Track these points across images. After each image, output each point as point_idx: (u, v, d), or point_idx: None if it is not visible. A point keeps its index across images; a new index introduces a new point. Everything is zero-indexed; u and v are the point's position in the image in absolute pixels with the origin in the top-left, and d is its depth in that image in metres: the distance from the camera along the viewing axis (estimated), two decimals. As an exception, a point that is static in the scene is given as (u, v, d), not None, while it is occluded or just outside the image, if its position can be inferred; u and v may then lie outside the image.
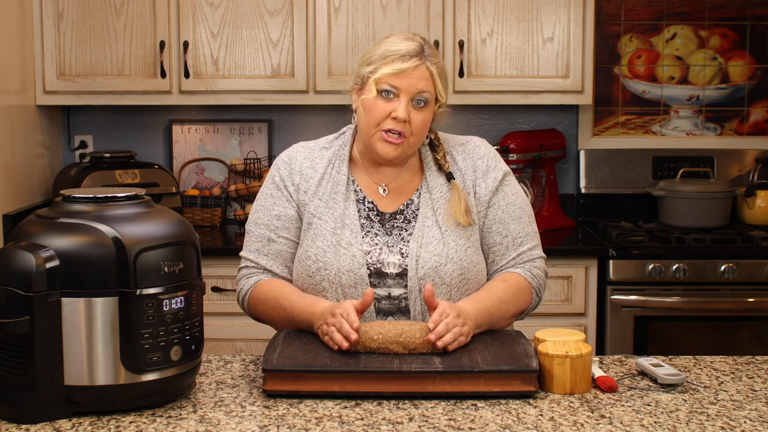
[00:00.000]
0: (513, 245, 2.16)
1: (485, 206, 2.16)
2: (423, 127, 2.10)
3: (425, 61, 2.07)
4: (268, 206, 2.18)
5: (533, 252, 2.18)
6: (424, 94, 2.07)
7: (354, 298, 2.05)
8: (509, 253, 2.16)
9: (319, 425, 1.69)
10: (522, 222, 2.17)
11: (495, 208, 2.16)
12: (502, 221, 2.16)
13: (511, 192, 2.19)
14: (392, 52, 2.07)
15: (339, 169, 2.17)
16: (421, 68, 2.07)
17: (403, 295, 2.09)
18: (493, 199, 2.17)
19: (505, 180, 2.19)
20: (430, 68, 2.07)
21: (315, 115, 4.09)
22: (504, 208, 2.17)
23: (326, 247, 2.09)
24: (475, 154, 2.20)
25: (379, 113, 2.07)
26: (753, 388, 1.91)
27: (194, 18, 3.69)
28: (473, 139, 2.24)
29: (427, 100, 2.08)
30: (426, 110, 2.09)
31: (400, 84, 2.06)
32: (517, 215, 2.17)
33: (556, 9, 3.72)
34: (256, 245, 2.18)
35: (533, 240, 2.19)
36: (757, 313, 3.52)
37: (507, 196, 2.18)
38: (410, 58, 2.06)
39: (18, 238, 1.73)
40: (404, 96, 2.06)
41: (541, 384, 1.87)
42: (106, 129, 4.10)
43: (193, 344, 1.78)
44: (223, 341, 3.49)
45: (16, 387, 1.69)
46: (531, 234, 2.19)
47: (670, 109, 4.16)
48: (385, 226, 2.14)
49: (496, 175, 2.18)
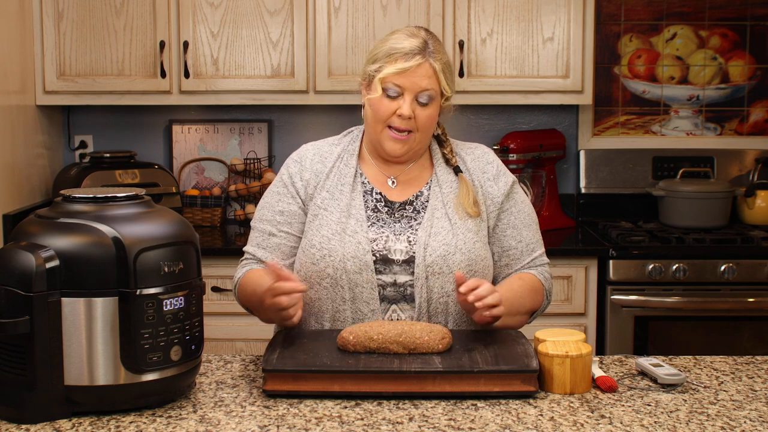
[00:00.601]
0: (527, 251, 2.22)
1: (497, 208, 2.20)
2: (429, 123, 2.13)
3: (428, 58, 2.09)
4: (273, 203, 2.21)
5: (543, 258, 2.25)
6: (428, 92, 2.10)
7: (359, 284, 2.07)
8: (524, 258, 2.22)
9: (319, 425, 1.69)
10: (532, 229, 2.24)
11: (508, 213, 2.21)
12: (516, 227, 2.21)
13: (521, 200, 2.24)
14: (396, 50, 2.09)
15: (347, 163, 2.19)
16: (424, 66, 2.08)
17: (409, 282, 2.10)
18: (506, 204, 2.21)
19: (515, 187, 2.24)
20: (433, 65, 2.09)
21: (315, 115, 4.09)
22: (517, 214, 2.21)
23: (331, 235, 2.11)
24: (484, 158, 2.25)
25: (385, 111, 2.10)
26: (753, 388, 1.91)
27: (194, 18, 3.69)
28: (481, 146, 2.30)
29: (432, 97, 2.10)
30: (431, 107, 2.11)
31: (404, 83, 2.08)
32: (528, 222, 2.23)
33: (556, 9, 3.72)
34: (257, 239, 2.21)
35: (542, 247, 2.26)
36: (757, 313, 3.52)
37: (518, 204, 2.23)
38: (413, 56, 2.08)
39: (18, 238, 1.73)
40: (408, 94, 2.09)
41: (541, 384, 1.87)
42: (106, 129, 4.10)
43: (193, 344, 1.78)
44: (223, 341, 3.49)
45: (16, 387, 1.69)
46: (540, 241, 2.26)
47: (670, 109, 4.16)
48: (394, 215, 2.16)
49: (507, 180, 2.23)
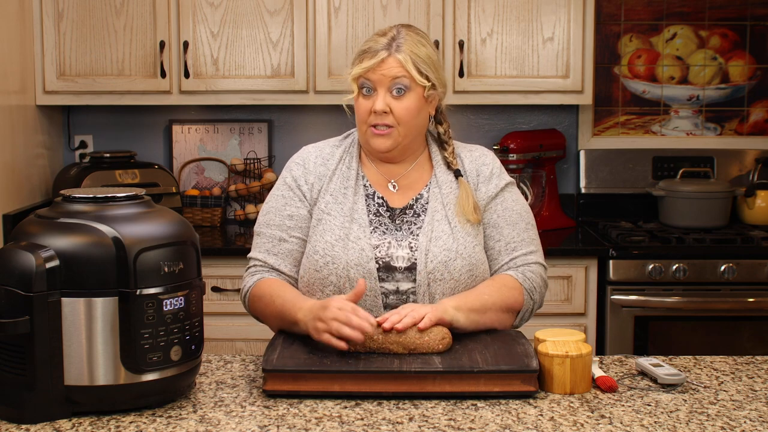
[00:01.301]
0: (506, 250, 2.17)
1: (482, 210, 2.17)
2: (407, 114, 2.11)
3: (393, 52, 2.10)
4: (280, 207, 2.18)
5: (528, 257, 2.17)
6: (399, 81, 2.10)
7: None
8: (502, 257, 2.17)
9: (319, 425, 1.69)
10: (518, 228, 2.18)
11: (491, 212, 2.18)
12: (497, 225, 2.17)
13: (510, 199, 2.20)
14: (363, 50, 2.14)
15: (349, 165, 2.19)
16: (388, 60, 2.10)
17: (412, 290, 2.09)
18: (491, 203, 2.18)
19: (507, 188, 2.21)
20: (398, 57, 2.10)
21: (315, 115, 4.09)
22: (500, 213, 2.18)
23: (334, 242, 2.10)
24: (481, 160, 2.23)
25: (364, 110, 2.13)
26: (753, 388, 1.91)
27: (194, 18, 3.69)
28: (482, 148, 2.28)
29: (406, 87, 2.10)
30: (407, 98, 2.11)
31: (373, 77, 2.11)
32: (513, 221, 2.18)
33: (556, 9, 3.72)
34: (267, 245, 2.17)
35: (529, 246, 2.18)
36: (757, 313, 3.52)
37: (505, 202, 2.19)
38: (376, 53, 2.11)
39: (18, 238, 1.73)
40: (381, 88, 2.11)
41: (541, 384, 1.87)
42: (106, 129, 4.10)
43: (193, 344, 1.78)
44: (223, 341, 3.49)
45: (16, 387, 1.69)
46: (527, 240, 2.18)
47: (670, 109, 4.16)
48: (395, 221, 2.15)
49: (498, 183, 2.20)
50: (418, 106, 2.12)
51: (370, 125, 2.12)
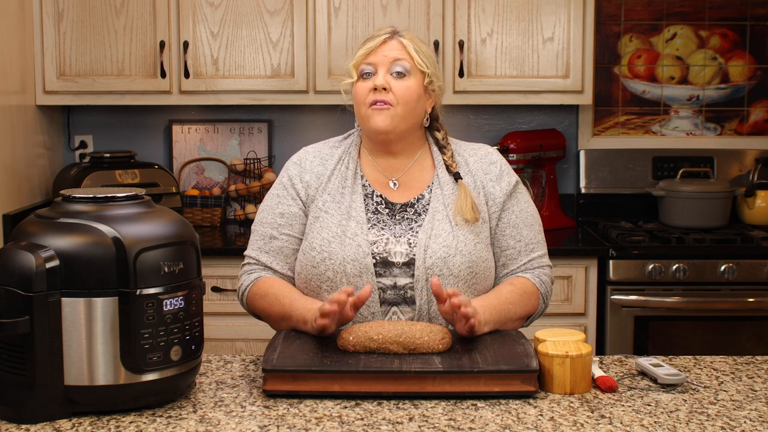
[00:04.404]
0: (525, 251, 2.20)
1: (499, 208, 2.19)
2: (407, 94, 2.13)
3: (395, 37, 2.16)
4: (273, 206, 2.21)
5: (543, 260, 2.22)
6: (400, 62, 2.13)
7: (359, 287, 2.07)
8: (521, 258, 2.19)
9: (319, 425, 1.69)
10: (534, 229, 2.21)
11: (509, 212, 2.20)
12: (516, 226, 2.19)
13: (524, 199, 2.23)
14: (365, 41, 2.19)
15: (348, 165, 2.20)
16: (390, 42, 2.15)
17: (409, 285, 2.10)
18: (508, 203, 2.20)
19: (518, 187, 2.23)
20: (402, 41, 2.15)
21: (315, 115, 4.09)
22: (518, 213, 2.20)
23: (331, 238, 2.11)
24: (488, 159, 2.24)
25: (363, 92, 2.14)
26: (753, 388, 1.91)
27: (194, 18, 3.69)
28: (485, 146, 2.29)
29: (407, 69, 2.13)
30: (407, 79, 2.13)
31: (374, 59, 2.14)
32: (529, 222, 2.21)
33: (556, 9, 3.72)
34: (259, 243, 2.20)
35: (543, 248, 2.23)
36: (757, 313, 3.52)
37: (520, 203, 2.21)
38: (378, 36, 2.15)
39: (18, 238, 1.73)
40: (381, 68, 2.13)
41: (541, 384, 1.87)
42: (106, 129, 4.10)
43: (193, 344, 1.78)
44: (223, 341, 3.49)
45: (16, 387, 1.69)
46: (542, 242, 2.23)
47: (670, 109, 4.16)
48: (395, 217, 2.16)
49: (510, 180, 2.22)
50: (418, 91, 2.14)
51: (369, 104, 2.13)
